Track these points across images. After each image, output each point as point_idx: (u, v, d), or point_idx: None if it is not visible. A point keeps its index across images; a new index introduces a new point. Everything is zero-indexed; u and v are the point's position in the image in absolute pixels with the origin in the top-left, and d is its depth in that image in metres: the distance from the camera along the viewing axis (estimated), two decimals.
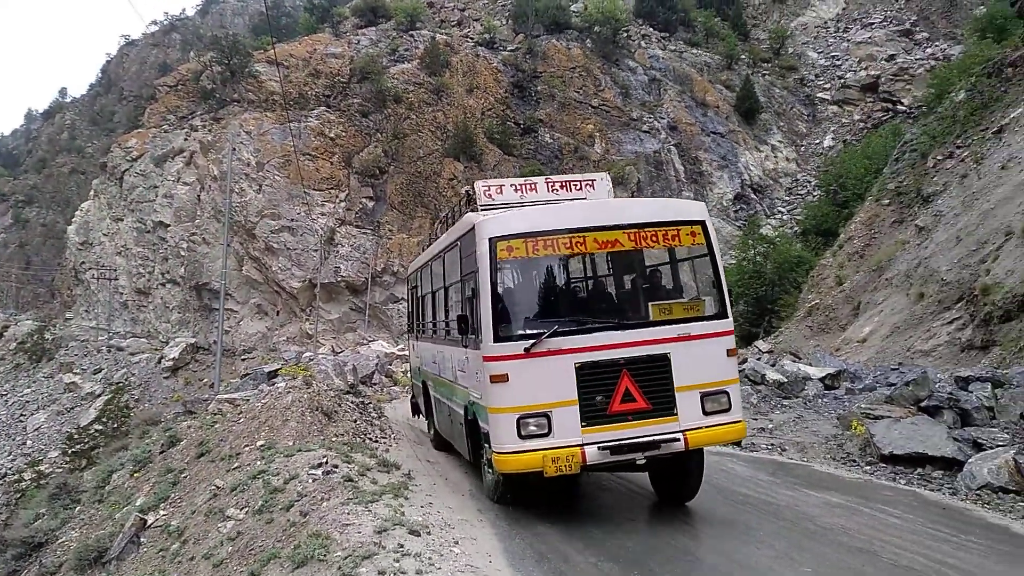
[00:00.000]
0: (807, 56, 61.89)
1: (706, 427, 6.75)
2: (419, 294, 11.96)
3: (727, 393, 6.91)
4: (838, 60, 60.01)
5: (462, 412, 8.27)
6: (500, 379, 6.63)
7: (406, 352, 27.81)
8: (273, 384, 16.83)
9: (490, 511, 7.57)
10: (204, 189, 47.47)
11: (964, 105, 22.65)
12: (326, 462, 8.70)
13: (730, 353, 7.06)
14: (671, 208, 7.86)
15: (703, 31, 62.13)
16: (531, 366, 6.56)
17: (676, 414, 6.70)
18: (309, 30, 58.70)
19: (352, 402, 13.49)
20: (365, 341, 38.38)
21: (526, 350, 6.56)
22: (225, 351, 32.29)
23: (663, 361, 6.73)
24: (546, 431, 6.52)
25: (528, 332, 6.72)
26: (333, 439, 10.77)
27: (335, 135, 46.69)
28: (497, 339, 6.70)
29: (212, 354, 34.74)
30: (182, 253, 46.94)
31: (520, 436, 6.52)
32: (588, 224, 7.02)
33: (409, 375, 15.43)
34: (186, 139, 49.06)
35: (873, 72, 55.84)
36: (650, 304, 7.07)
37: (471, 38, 55.51)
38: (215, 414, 14.92)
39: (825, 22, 66.16)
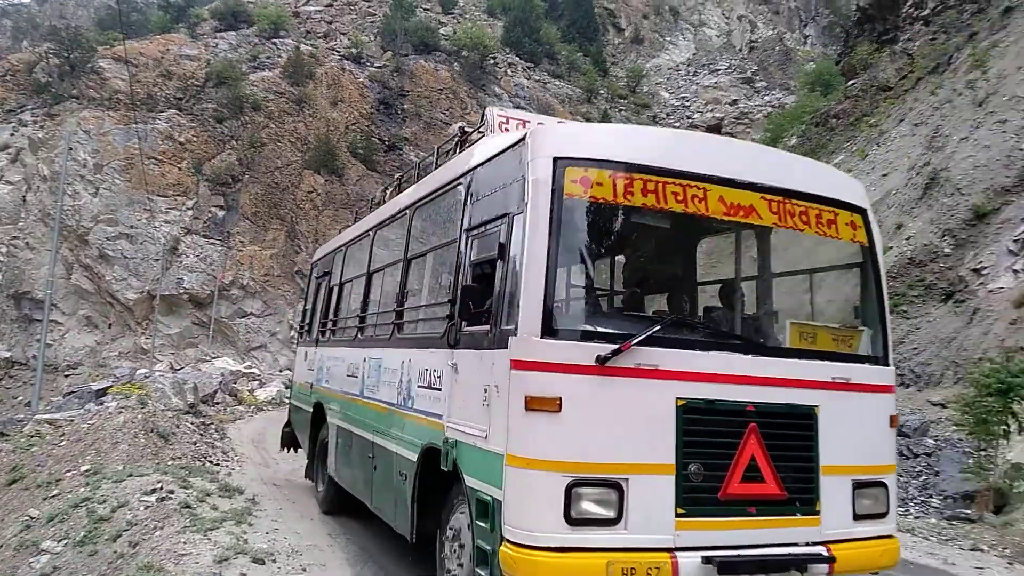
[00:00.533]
0: (660, 95, 65.91)
1: (856, 540, 4.27)
2: (335, 282, 8.97)
3: (885, 487, 4.49)
4: (687, 101, 64.37)
5: (412, 458, 5.26)
6: (545, 406, 3.75)
7: (253, 370, 26.49)
8: (102, 403, 15.45)
9: (341, 535, 7.30)
10: (31, 190, 43.26)
11: (795, 150, 24.92)
12: (161, 487, 8.10)
13: (892, 422, 4.65)
14: (829, 179, 4.95)
15: (566, 64, 64.61)
16: (603, 391, 3.80)
17: (819, 512, 4.19)
18: (162, 29, 55.35)
19: (192, 423, 12.70)
20: (208, 358, 36.25)
21: (600, 360, 3.76)
22: (47, 366, 29.44)
23: (808, 419, 4.23)
24: (614, 515, 3.73)
25: (605, 330, 3.97)
26: (169, 463, 10.07)
27: (186, 140, 44.15)
28: (548, 332, 3.83)
29: (31, 369, 31.55)
30: (1, 258, 42.41)
31: (569, 520, 3.67)
32: (716, 172, 4.25)
33: (289, 395, 11.34)
34: (13, 134, 44.59)
35: (718, 114, 60.34)
36: (790, 323, 4.69)
37: (337, 51, 54.52)
38: (32, 436, 13.47)
39: (677, 65, 70.91)
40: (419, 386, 5.33)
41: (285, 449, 10.55)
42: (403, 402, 5.66)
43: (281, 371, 30.89)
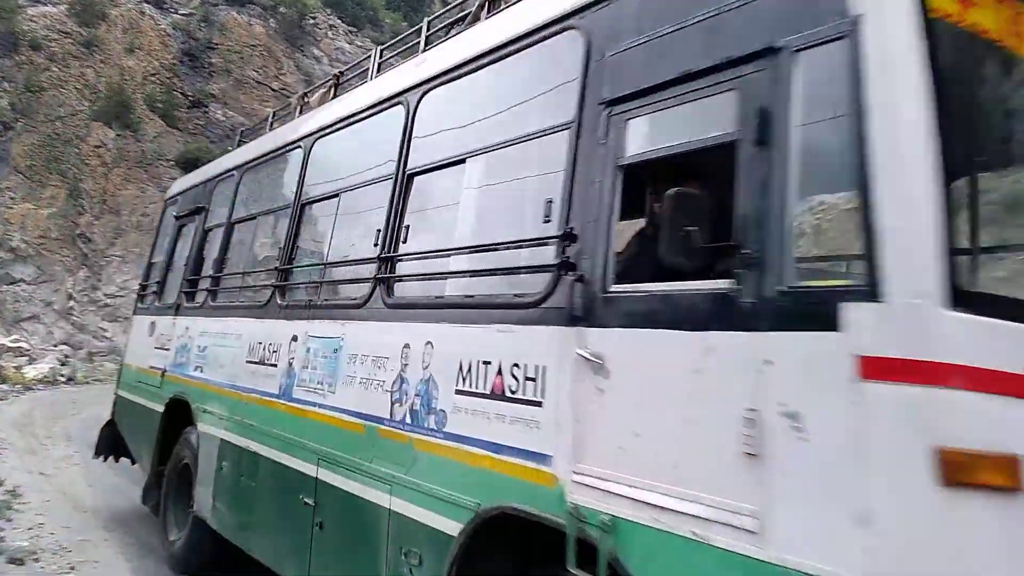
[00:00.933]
0: None
1: None
2: (219, 221, 6.50)
3: None
4: None
5: (447, 528, 2.99)
6: (988, 477, 1.61)
7: (21, 344, 23.77)
8: None
9: (118, 528, 6.72)
10: None
11: None
12: None
13: None
14: None
15: (391, 33, 63.36)
16: None
17: None
18: None
19: None
20: None
21: None
22: None
23: None
24: None
25: None
26: None
27: None
28: (962, 300, 1.69)
29: None
30: None
31: None
32: None
33: (116, 382, 8.38)
34: None
35: None
36: None
37: None
38: None
39: None
40: (460, 392, 3.09)
41: (103, 458, 7.76)
42: (411, 419, 3.38)
43: (56, 346, 27.95)
